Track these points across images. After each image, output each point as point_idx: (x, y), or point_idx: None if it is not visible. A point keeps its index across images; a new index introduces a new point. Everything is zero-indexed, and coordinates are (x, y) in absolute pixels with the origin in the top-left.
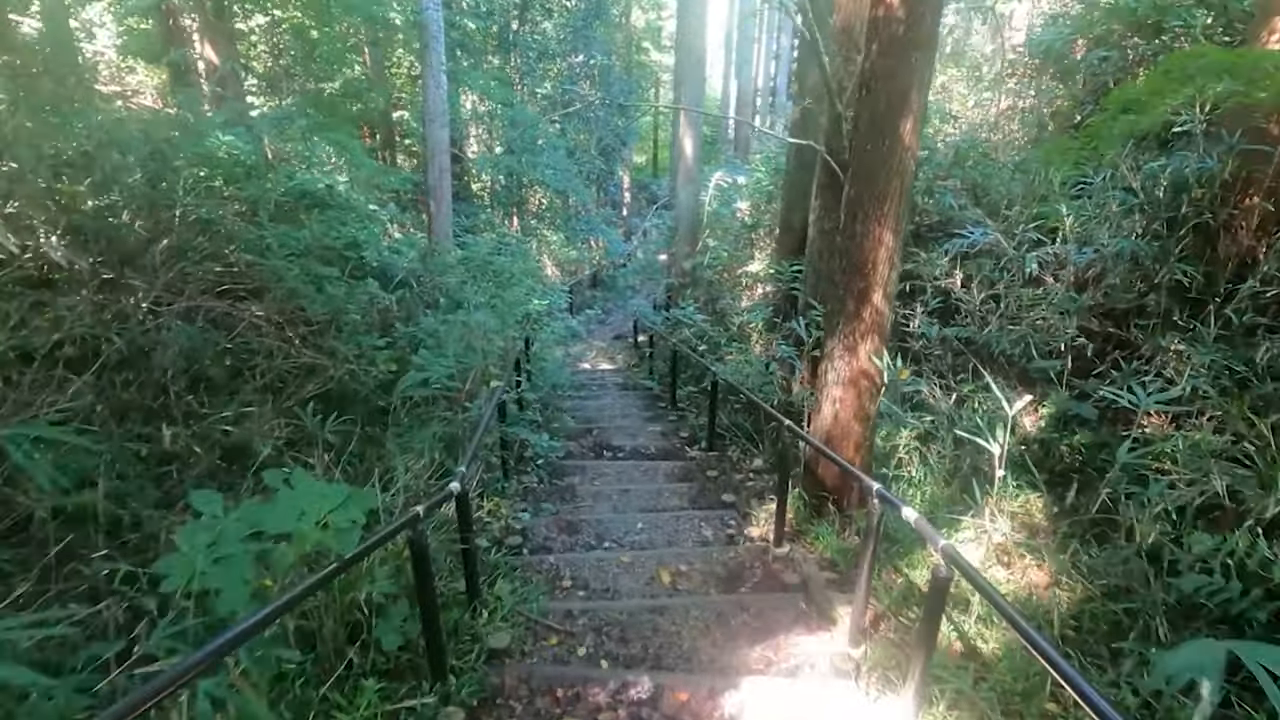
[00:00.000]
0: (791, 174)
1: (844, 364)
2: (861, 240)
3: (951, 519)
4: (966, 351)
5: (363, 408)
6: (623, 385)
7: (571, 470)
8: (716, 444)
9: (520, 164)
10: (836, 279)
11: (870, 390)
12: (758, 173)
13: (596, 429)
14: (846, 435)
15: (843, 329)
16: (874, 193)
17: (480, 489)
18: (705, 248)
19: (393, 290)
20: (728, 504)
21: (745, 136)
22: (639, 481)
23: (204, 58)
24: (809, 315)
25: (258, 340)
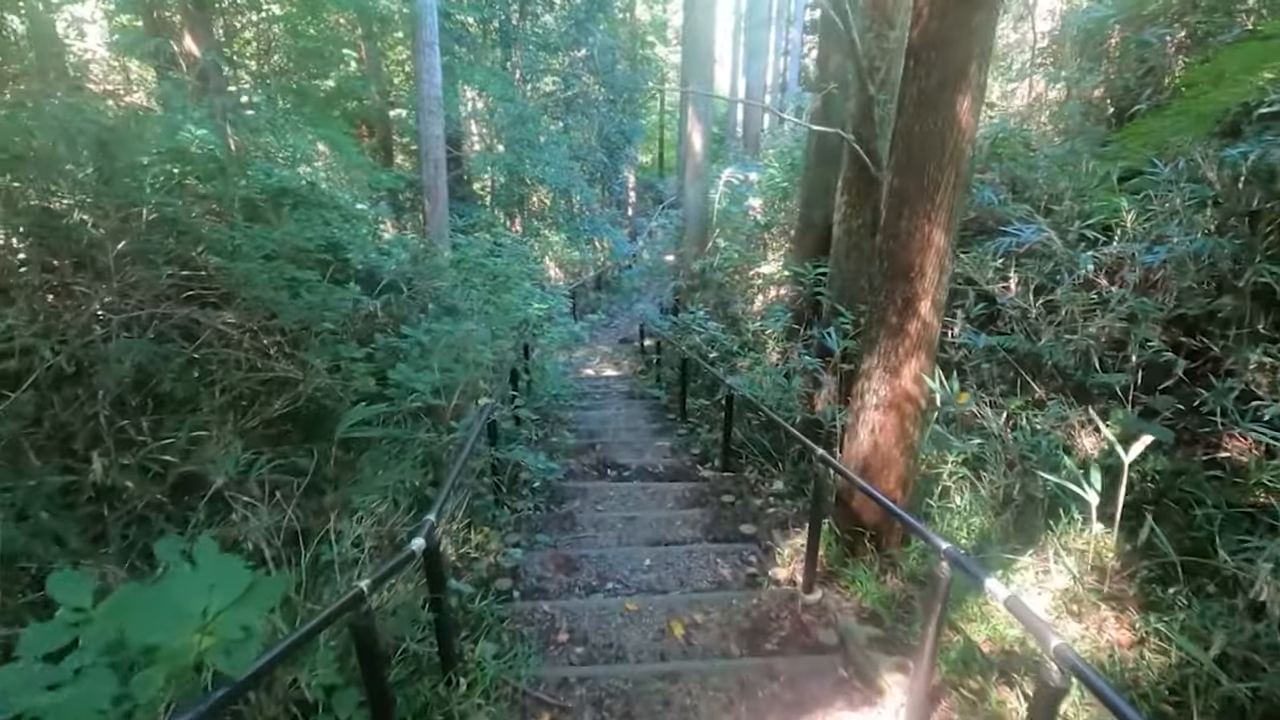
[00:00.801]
0: (811, 168)
1: (884, 385)
2: (907, 240)
3: (1006, 558)
4: (1013, 362)
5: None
6: (628, 394)
7: (571, 494)
8: (731, 463)
9: (520, 161)
10: (875, 284)
11: (915, 415)
12: (770, 169)
13: (599, 444)
14: (888, 466)
15: (883, 345)
16: (923, 184)
17: (467, 519)
18: (715, 248)
19: (378, 295)
20: (747, 536)
21: (755, 134)
22: (646, 507)
23: (185, 52)
24: (834, 322)
25: (226, 352)
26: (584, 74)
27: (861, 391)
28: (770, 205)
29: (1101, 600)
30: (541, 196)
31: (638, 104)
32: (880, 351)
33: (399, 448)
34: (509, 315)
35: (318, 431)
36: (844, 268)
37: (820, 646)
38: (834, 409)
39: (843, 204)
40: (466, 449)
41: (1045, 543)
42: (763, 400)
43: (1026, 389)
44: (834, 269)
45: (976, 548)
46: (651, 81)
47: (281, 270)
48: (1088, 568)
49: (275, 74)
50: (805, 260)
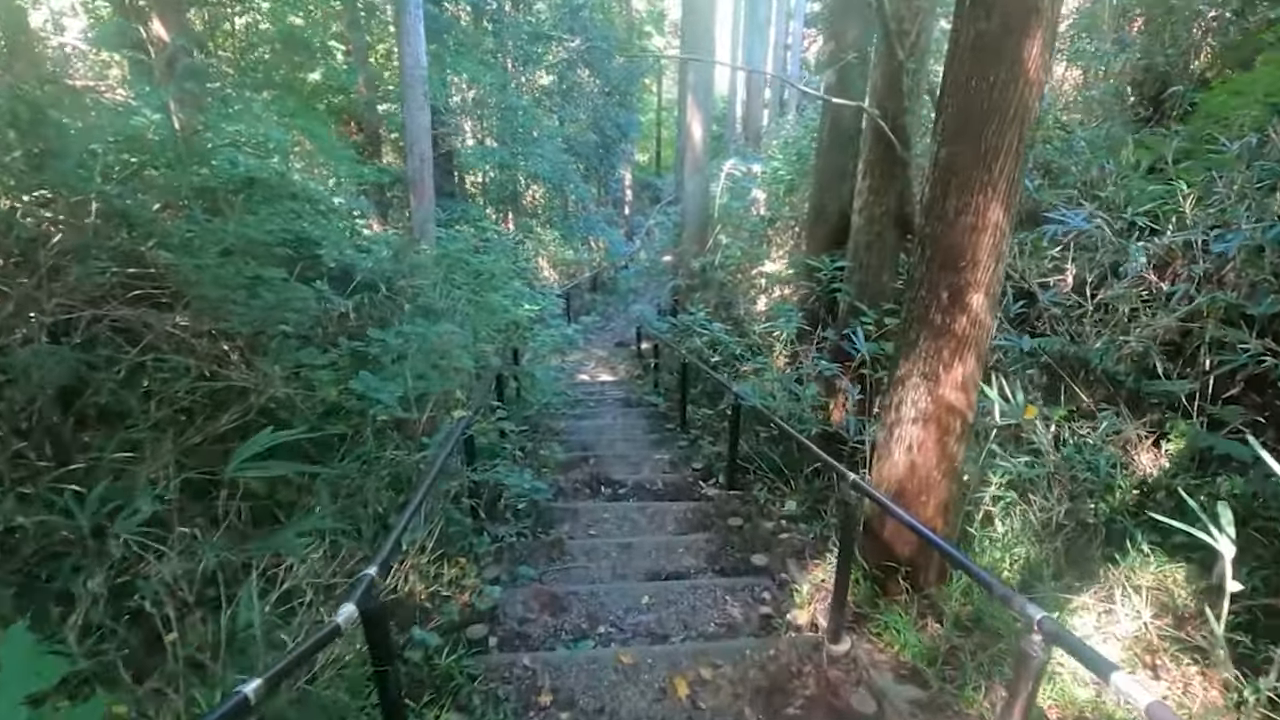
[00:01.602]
0: (824, 153)
1: (924, 395)
2: (955, 221)
3: (1060, 597)
4: (1056, 367)
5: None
6: (625, 401)
7: (561, 515)
8: (738, 480)
9: (513, 156)
10: (914, 276)
11: (960, 430)
12: (774, 161)
13: (593, 458)
14: (926, 490)
15: (923, 347)
16: (978, 150)
17: (439, 550)
18: (716, 245)
19: (352, 294)
20: (758, 568)
21: (756, 129)
22: (644, 530)
23: (153, 37)
24: (852, 322)
25: (175, 359)
26: (579, 66)
27: (895, 402)
28: (775, 198)
29: (1183, 650)
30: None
31: (634, 98)
32: (920, 355)
33: (364, 468)
34: (496, 317)
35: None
36: (865, 261)
37: (853, 713)
38: (856, 421)
39: (864, 189)
40: (433, 472)
41: (1104, 577)
42: (774, 411)
43: (1070, 397)
44: (853, 263)
45: (1024, 582)
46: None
47: (237, 267)
48: (1156, 607)
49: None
50: (818, 255)
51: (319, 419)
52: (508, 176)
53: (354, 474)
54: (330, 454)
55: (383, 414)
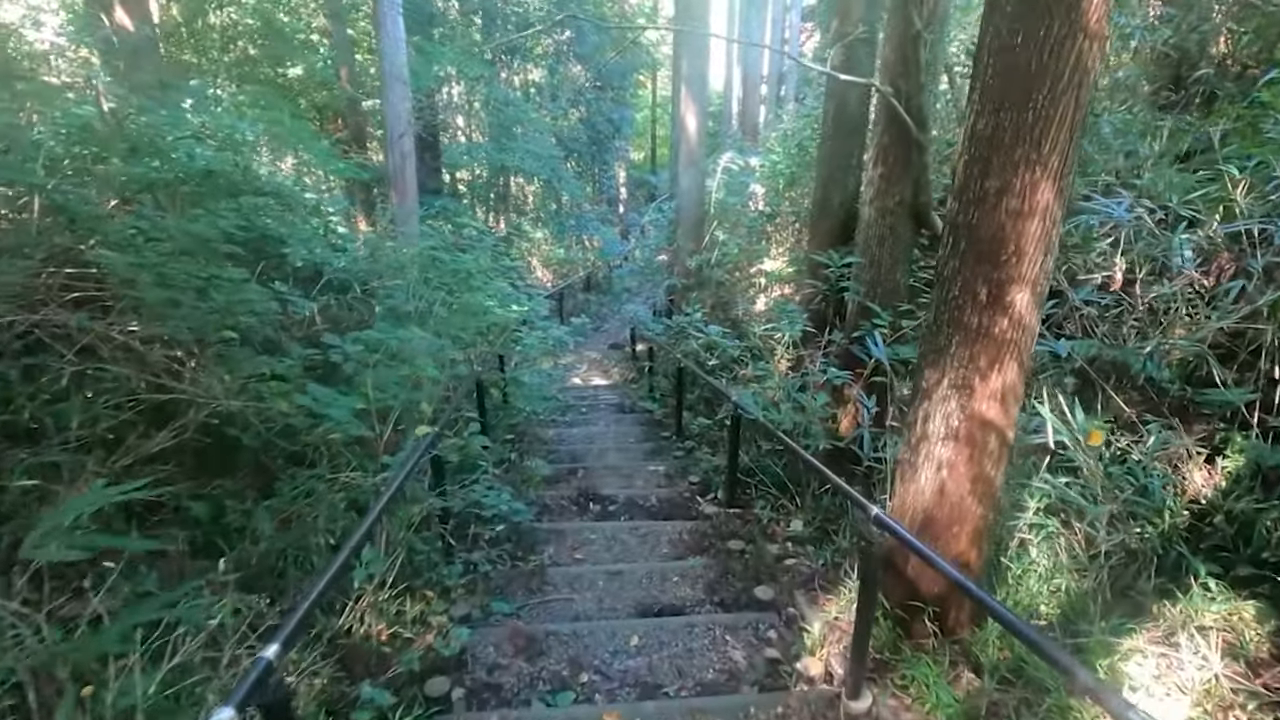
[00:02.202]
0: (829, 141)
1: (957, 408)
2: (996, 205)
3: (1111, 641)
4: (1091, 373)
5: (249, 464)
6: (618, 406)
7: (544, 538)
8: (738, 496)
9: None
10: (944, 272)
11: (999, 450)
12: (773, 155)
13: (582, 470)
14: (959, 520)
15: (956, 354)
16: (1025, 120)
17: (404, 583)
18: (713, 242)
19: (317, 296)
20: (763, 602)
21: (753, 124)
22: (635, 554)
23: (117, 26)
24: (861, 325)
25: (112, 369)
26: (569, 59)
27: (922, 417)
28: (774, 193)
29: (1264, 708)
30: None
31: (628, 93)
32: (952, 363)
33: (312, 495)
34: (477, 319)
35: (213, 470)
36: (876, 257)
37: None
38: (871, 435)
39: (875, 178)
40: (375, 510)
41: (1160, 615)
42: (779, 425)
43: (1105, 406)
44: (864, 259)
45: (1065, 618)
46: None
47: (184, 266)
48: (1224, 651)
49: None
50: (821, 251)
51: (276, 435)
52: (498, 173)
53: (303, 500)
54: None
55: (336, 431)
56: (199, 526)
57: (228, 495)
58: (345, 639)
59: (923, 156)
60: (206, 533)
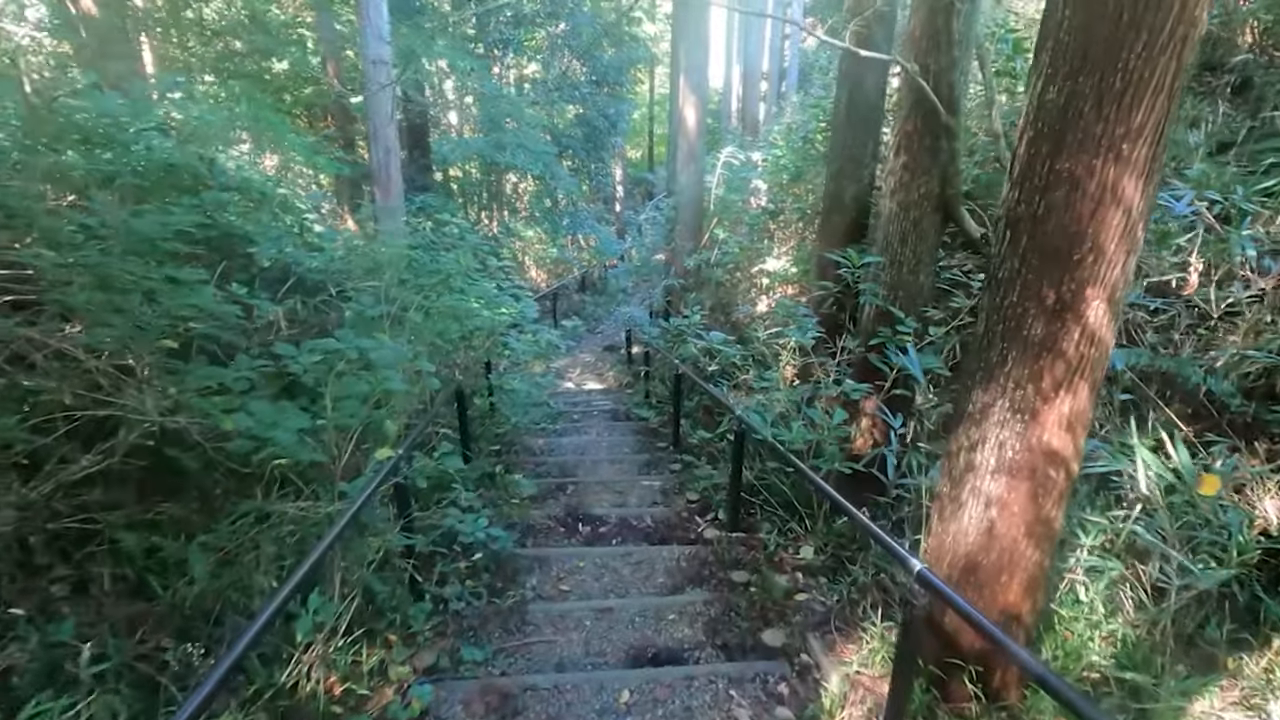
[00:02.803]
0: (841, 130)
1: (1013, 436)
2: (1072, 191)
3: (1178, 706)
4: (1141, 386)
5: (194, 490)
6: (612, 413)
7: (526, 566)
8: (741, 518)
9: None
10: (1000, 274)
11: (1062, 486)
12: (776, 149)
13: (572, 485)
14: (1009, 568)
15: (1013, 372)
16: (1112, 87)
17: (363, 628)
18: (713, 240)
19: (285, 298)
20: (772, 648)
21: (754, 119)
22: (629, 585)
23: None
24: (880, 331)
25: (40, 381)
26: (564, 52)
27: (968, 445)
28: (778, 189)
29: None
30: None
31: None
32: (1008, 382)
33: (256, 528)
34: (460, 323)
35: (151, 497)
36: (897, 256)
37: None
38: (895, 457)
39: (897, 168)
40: (326, 542)
41: (1236, 668)
42: (790, 445)
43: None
44: (883, 257)
45: (1121, 668)
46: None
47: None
48: None
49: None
50: (831, 250)
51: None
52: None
53: (245, 533)
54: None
55: (283, 456)
56: (131, 562)
57: (169, 525)
58: (290, 697)
59: (952, 143)
60: (141, 569)
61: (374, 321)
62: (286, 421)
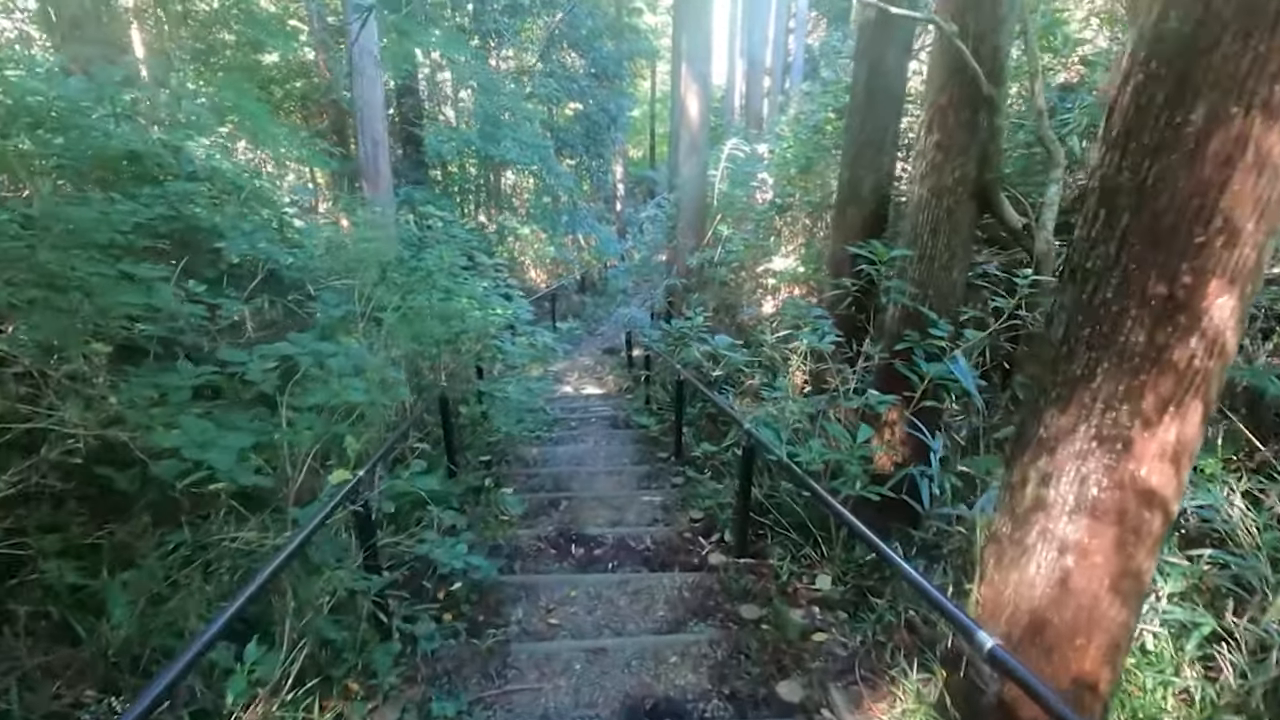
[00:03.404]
0: (858, 113)
1: (1099, 469)
2: (1197, 150)
3: None
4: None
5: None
6: (611, 420)
7: (511, 595)
8: (749, 543)
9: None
10: (1085, 266)
11: (1158, 531)
12: (784, 140)
13: (565, 500)
14: (1087, 626)
15: (1105, 387)
16: (1255, 18)
17: (318, 673)
18: (717, 238)
19: (252, 297)
20: (789, 703)
21: (757, 112)
22: (624, 618)
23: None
24: (907, 334)
25: None
26: (562, 44)
27: (1036, 477)
28: (786, 182)
29: None
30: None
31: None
32: (1094, 401)
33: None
34: (447, 325)
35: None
36: (928, 250)
37: None
38: (927, 481)
39: (929, 148)
40: (256, 583)
41: None
42: (808, 466)
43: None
44: (914, 251)
45: None
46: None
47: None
48: None
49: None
50: (848, 244)
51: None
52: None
53: (178, 569)
54: (158, 532)
55: (220, 481)
56: (56, 598)
57: (110, 555)
58: None
59: (994, 119)
60: (67, 606)
61: (344, 323)
62: (224, 439)
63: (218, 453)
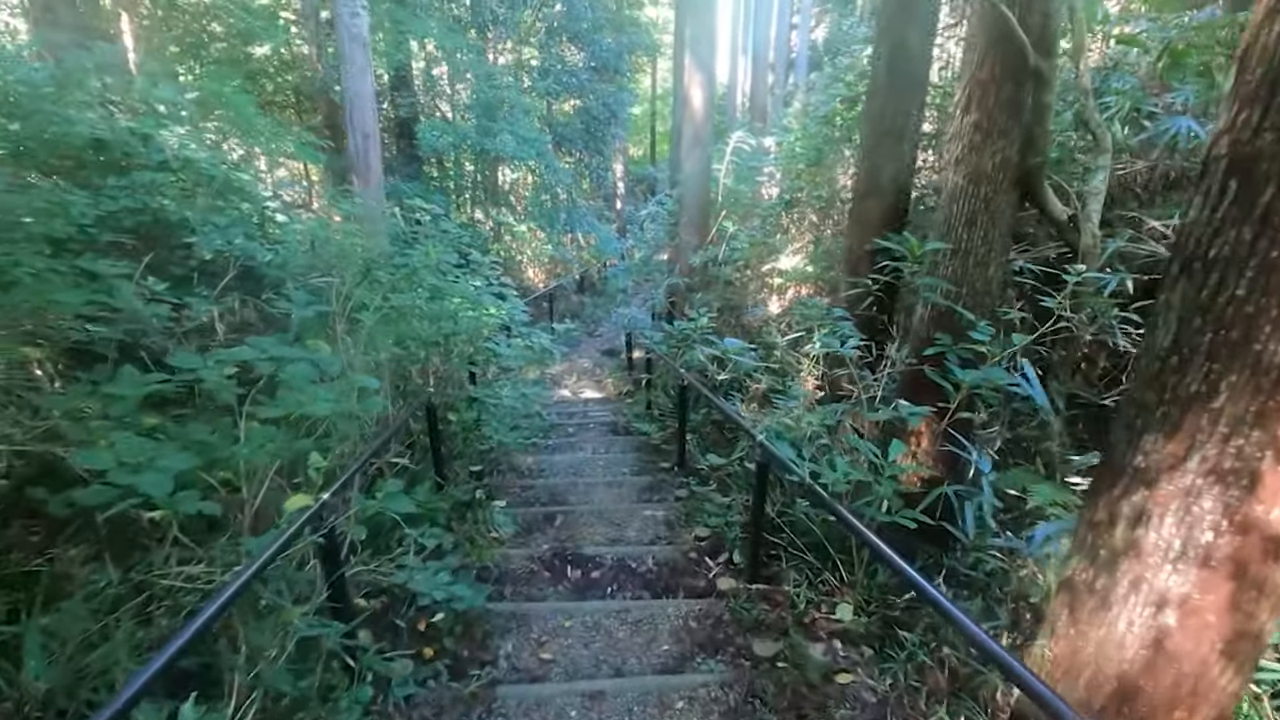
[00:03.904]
0: (879, 97)
1: (1216, 508)
2: None
3: None
4: None
5: (68, 540)
6: (610, 426)
7: (500, 628)
8: (761, 566)
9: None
10: (1214, 254)
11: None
12: (792, 133)
13: (561, 515)
14: (1189, 697)
15: (1228, 407)
16: None
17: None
18: (721, 235)
19: (225, 295)
20: None
21: (762, 106)
22: (625, 652)
23: None
24: (939, 339)
25: None
26: (561, 36)
27: (1129, 514)
28: (794, 176)
29: None
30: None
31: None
32: (1213, 425)
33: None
34: (436, 326)
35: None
36: (963, 243)
37: None
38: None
39: (966, 129)
40: (187, 635)
41: None
42: (832, 488)
43: None
44: (951, 245)
45: None
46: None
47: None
48: None
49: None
50: (865, 239)
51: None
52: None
53: (107, 611)
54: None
55: (161, 508)
56: None
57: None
58: None
59: (1042, 95)
60: None
61: (318, 325)
62: (163, 459)
63: (153, 475)
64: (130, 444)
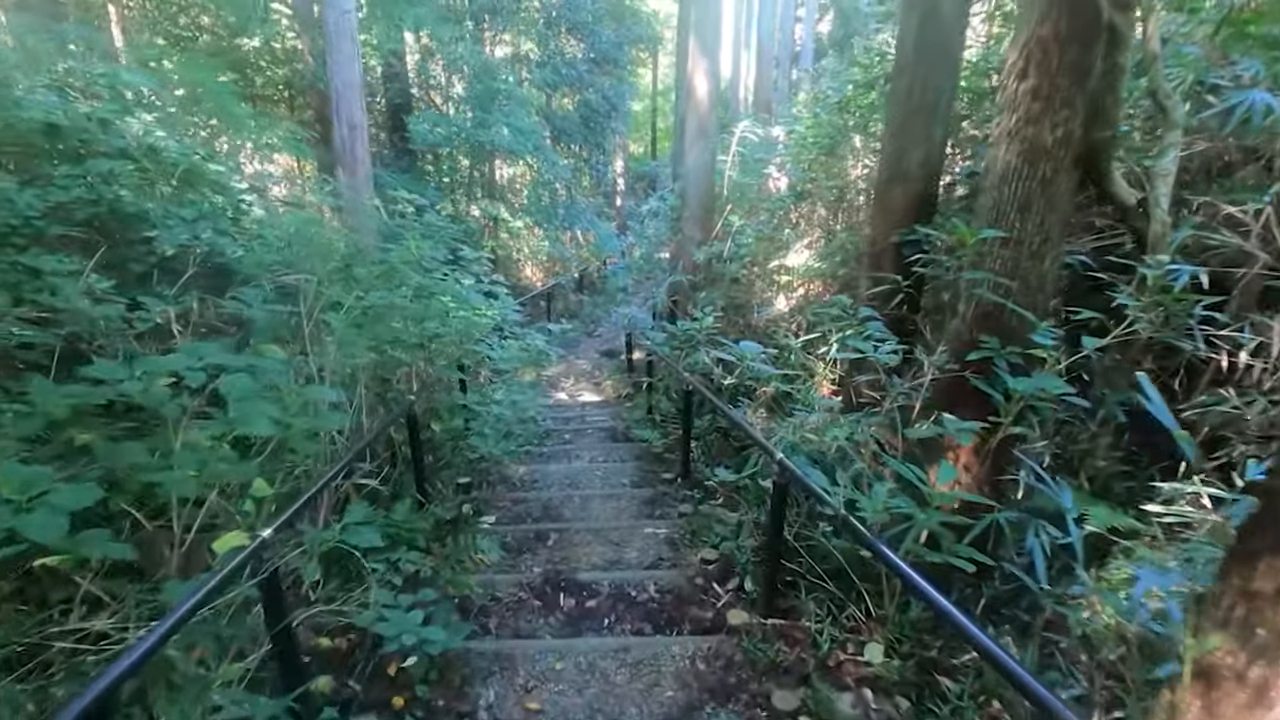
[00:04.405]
0: (908, 72)
1: None
2: None
3: None
4: None
5: None
6: (609, 433)
7: (482, 671)
8: (778, 597)
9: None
10: None
11: None
12: (802, 122)
13: (555, 533)
14: None
15: None
16: None
17: None
18: (726, 230)
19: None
20: None
21: (766, 98)
22: (624, 703)
23: None
24: (985, 342)
25: None
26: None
27: None
28: (805, 167)
29: None
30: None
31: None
32: None
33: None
34: (417, 327)
35: None
36: (1018, 231)
37: None
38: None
39: (1021, 96)
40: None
41: None
42: (871, 522)
43: None
44: (1005, 232)
45: None
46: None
47: None
48: None
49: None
50: (890, 231)
51: None
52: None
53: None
54: None
55: (63, 551)
56: None
57: None
58: None
59: (1117, 56)
60: None
61: (287, 327)
62: (60, 494)
63: (43, 516)
64: (16, 474)
